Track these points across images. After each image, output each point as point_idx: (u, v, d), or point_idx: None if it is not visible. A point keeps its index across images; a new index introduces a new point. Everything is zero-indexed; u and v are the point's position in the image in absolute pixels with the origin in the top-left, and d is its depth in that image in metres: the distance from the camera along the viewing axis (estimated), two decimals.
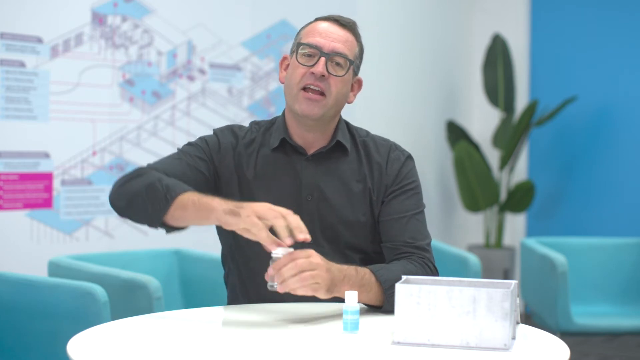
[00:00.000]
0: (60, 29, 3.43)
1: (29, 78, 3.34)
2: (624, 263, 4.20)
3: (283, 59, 2.17)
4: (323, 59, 2.05)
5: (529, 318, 4.26)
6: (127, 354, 1.58)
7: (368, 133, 2.21)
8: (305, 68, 2.06)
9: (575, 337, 3.96)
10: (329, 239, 2.09)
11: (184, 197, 1.87)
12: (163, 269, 2.87)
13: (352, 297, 1.70)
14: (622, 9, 5.59)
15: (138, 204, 1.92)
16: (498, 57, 5.61)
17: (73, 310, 2.36)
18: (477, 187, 5.47)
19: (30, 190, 3.36)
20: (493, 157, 5.89)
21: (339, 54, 2.06)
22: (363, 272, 1.92)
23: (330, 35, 2.07)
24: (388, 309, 1.90)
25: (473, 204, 5.55)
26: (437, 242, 3.39)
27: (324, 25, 2.10)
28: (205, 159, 2.09)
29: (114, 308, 2.43)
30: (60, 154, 3.45)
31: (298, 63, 2.07)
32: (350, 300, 1.70)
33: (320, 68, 2.04)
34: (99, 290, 2.35)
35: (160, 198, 1.88)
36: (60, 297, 2.41)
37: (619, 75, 5.57)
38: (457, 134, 5.67)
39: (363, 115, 4.59)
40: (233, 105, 4.11)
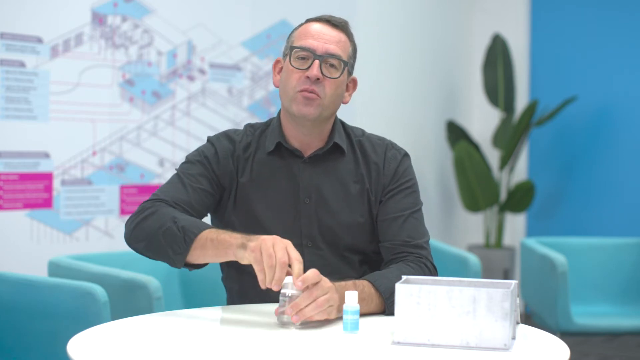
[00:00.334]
0: (60, 29, 3.43)
1: (29, 78, 3.34)
2: (624, 263, 4.19)
3: (276, 62, 2.15)
4: (317, 62, 2.03)
5: (529, 318, 4.26)
6: (127, 354, 1.58)
7: (364, 132, 2.20)
8: (300, 72, 2.04)
9: (575, 337, 3.95)
10: (328, 241, 2.08)
11: (202, 236, 1.88)
12: (163, 269, 2.86)
13: (352, 297, 1.70)
14: (622, 9, 5.58)
15: (157, 247, 1.93)
16: (498, 57, 5.61)
17: (73, 310, 2.36)
18: (477, 187, 5.47)
19: (30, 190, 3.36)
20: (493, 157, 5.89)
21: (333, 56, 2.04)
22: (362, 285, 1.90)
23: (323, 37, 2.05)
24: (390, 315, 1.89)
25: (473, 204, 5.54)
26: (437, 242, 3.39)
27: (316, 27, 2.07)
28: (207, 175, 2.07)
29: (114, 308, 2.43)
30: (60, 154, 3.45)
31: (292, 67, 2.05)
32: (350, 300, 1.70)
33: (315, 71, 2.02)
34: (99, 290, 2.35)
35: (179, 242, 1.89)
36: (60, 297, 2.40)
37: (619, 75, 5.57)
38: (457, 134, 5.67)
39: (363, 115, 4.59)
40: (233, 105, 4.11)
